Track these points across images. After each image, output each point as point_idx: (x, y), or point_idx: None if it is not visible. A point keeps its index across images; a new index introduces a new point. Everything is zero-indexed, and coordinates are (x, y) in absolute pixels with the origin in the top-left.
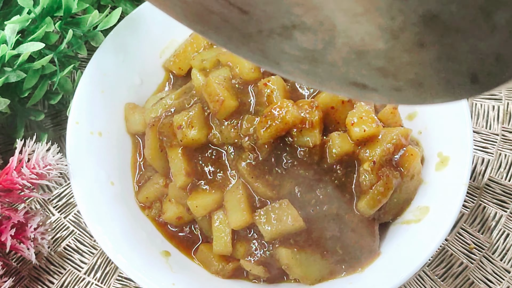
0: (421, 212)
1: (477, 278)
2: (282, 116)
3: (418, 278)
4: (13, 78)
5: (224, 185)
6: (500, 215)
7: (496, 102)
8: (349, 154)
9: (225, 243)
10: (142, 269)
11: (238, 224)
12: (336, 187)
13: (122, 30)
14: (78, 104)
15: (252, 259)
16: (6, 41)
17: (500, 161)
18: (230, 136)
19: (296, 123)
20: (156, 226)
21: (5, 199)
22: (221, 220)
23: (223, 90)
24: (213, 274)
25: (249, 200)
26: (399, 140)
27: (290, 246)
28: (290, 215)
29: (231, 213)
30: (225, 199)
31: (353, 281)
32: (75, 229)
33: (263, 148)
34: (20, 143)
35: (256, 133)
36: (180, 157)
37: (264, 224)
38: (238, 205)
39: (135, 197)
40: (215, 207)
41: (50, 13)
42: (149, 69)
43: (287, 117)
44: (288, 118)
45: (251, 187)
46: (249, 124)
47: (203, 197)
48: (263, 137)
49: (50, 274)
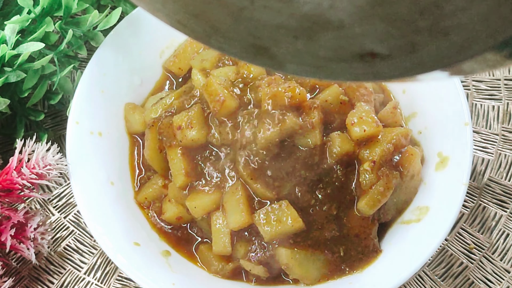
0: (421, 212)
1: (477, 278)
2: (282, 122)
3: (418, 278)
4: (13, 78)
5: (223, 186)
6: (500, 215)
7: (496, 102)
8: (349, 154)
9: (224, 244)
10: (142, 269)
11: (237, 225)
12: (336, 187)
13: (122, 30)
14: (78, 104)
15: (252, 259)
16: (6, 41)
17: (500, 161)
18: (229, 137)
19: (296, 129)
20: (153, 228)
21: (5, 199)
22: (220, 221)
23: (224, 90)
24: (213, 274)
25: (248, 201)
26: (399, 140)
27: (290, 246)
28: (289, 216)
29: (230, 214)
30: (224, 200)
31: (353, 281)
32: (75, 229)
33: (263, 150)
34: (20, 143)
35: (256, 138)
36: (180, 157)
37: (264, 225)
38: (237, 206)
39: (135, 197)
40: (213, 207)
41: (50, 13)
42: (149, 69)
43: (288, 125)
44: (288, 126)
45: (250, 188)
46: (249, 127)
47: (202, 197)
48: (262, 143)
49: (50, 274)
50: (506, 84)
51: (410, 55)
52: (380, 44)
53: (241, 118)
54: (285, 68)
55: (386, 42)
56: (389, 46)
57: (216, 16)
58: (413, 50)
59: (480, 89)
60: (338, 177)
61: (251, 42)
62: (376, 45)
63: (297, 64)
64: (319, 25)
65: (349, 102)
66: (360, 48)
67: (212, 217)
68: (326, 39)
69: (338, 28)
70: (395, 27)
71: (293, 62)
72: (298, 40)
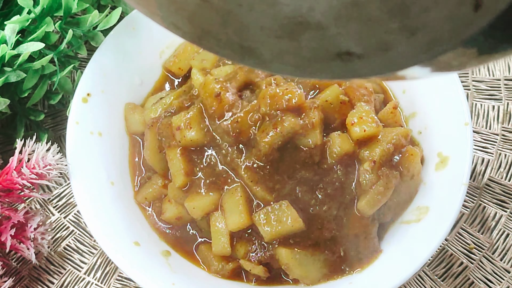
0: (421, 212)
1: (477, 278)
2: (282, 126)
3: (418, 278)
4: (13, 78)
5: (222, 187)
6: (500, 215)
7: (496, 102)
8: (349, 154)
9: (224, 245)
10: (142, 269)
11: (236, 226)
12: (336, 187)
13: (122, 30)
14: (78, 104)
15: (252, 259)
16: (6, 41)
17: (500, 161)
18: (229, 139)
19: (297, 129)
20: (153, 228)
21: (5, 199)
22: (219, 222)
23: (221, 88)
24: (213, 274)
25: (247, 203)
26: (399, 140)
27: (290, 246)
28: (290, 216)
29: (229, 215)
30: (223, 201)
31: (353, 281)
32: (75, 229)
33: (265, 154)
34: (20, 143)
35: (257, 143)
36: (179, 157)
37: (264, 225)
38: (237, 208)
39: (135, 197)
40: (212, 208)
41: (50, 13)
42: (149, 69)
43: (288, 127)
44: (289, 128)
45: (250, 191)
46: (248, 129)
47: (201, 198)
48: (265, 147)
49: (50, 274)
50: (506, 84)
51: (383, 54)
52: (355, 44)
53: (240, 120)
54: (270, 67)
55: (360, 42)
56: (364, 46)
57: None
58: (386, 49)
59: (480, 89)
60: (338, 177)
61: (238, 43)
62: (351, 45)
63: (281, 64)
64: (299, 26)
65: (349, 102)
66: (338, 48)
67: (211, 218)
68: (306, 40)
69: (317, 29)
70: (368, 28)
71: (277, 61)
72: (281, 41)
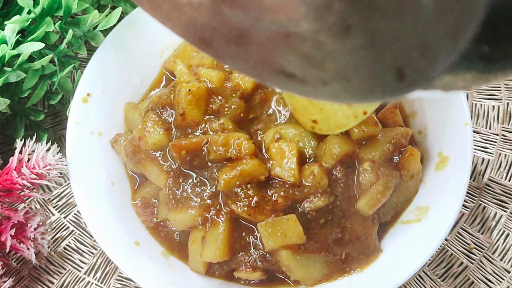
0: (421, 212)
1: (477, 278)
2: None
3: (418, 278)
4: (13, 78)
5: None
6: (500, 215)
7: (496, 102)
8: (349, 154)
9: (199, 264)
10: (142, 269)
11: (209, 260)
12: (336, 187)
13: (122, 30)
14: (78, 104)
15: (248, 265)
16: (6, 41)
17: (500, 161)
18: None
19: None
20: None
21: (5, 199)
22: (195, 246)
23: (189, 102)
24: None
25: (229, 239)
26: (399, 140)
27: (290, 248)
28: (296, 232)
29: (207, 246)
30: (208, 229)
31: (353, 281)
32: (75, 229)
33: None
34: (20, 143)
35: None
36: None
37: (269, 236)
38: (215, 242)
39: (132, 198)
40: (194, 224)
41: (50, 13)
42: (149, 69)
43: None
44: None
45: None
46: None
47: (184, 212)
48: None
49: (50, 274)
50: (506, 84)
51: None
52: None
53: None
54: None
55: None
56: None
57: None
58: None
59: (480, 89)
60: (338, 178)
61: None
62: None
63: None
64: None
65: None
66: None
67: (191, 235)
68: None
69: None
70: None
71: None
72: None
